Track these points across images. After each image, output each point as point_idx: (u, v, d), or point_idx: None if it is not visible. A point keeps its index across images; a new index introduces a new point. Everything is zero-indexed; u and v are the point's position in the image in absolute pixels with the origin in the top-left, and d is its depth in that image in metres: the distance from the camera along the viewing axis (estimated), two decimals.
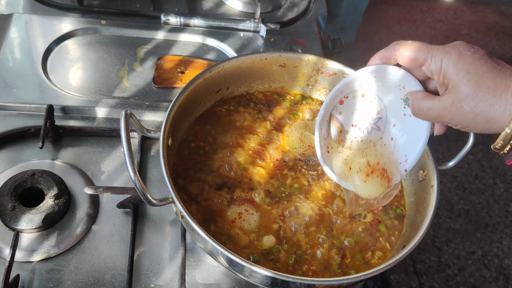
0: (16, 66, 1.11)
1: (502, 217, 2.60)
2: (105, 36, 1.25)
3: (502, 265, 2.38)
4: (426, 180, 0.81)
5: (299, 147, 0.91)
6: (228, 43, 1.28)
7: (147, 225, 0.90)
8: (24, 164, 0.94)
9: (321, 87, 0.99)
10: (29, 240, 0.83)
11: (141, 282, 0.82)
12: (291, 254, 0.76)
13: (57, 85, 1.09)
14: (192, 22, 1.30)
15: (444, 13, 3.92)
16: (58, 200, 0.86)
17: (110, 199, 0.92)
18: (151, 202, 0.68)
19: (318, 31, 1.41)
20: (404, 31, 3.61)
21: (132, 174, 0.64)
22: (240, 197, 0.82)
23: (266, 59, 0.94)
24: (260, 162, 0.88)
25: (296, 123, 0.95)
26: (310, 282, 0.66)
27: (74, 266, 0.83)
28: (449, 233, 2.48)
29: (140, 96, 1.12)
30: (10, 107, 1.02)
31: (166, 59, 1.21)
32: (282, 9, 1.47)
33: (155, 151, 1.02)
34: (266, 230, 0.79)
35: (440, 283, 2.27)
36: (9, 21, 1.20)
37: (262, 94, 1.00)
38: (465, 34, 3.74)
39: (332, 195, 0.85)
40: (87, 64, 1.17)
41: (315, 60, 0.95)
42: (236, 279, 0.85)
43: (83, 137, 1.02)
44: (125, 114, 0.68)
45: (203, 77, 0.87)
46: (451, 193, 2.67)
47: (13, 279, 0.77)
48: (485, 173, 2.81)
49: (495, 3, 4.08)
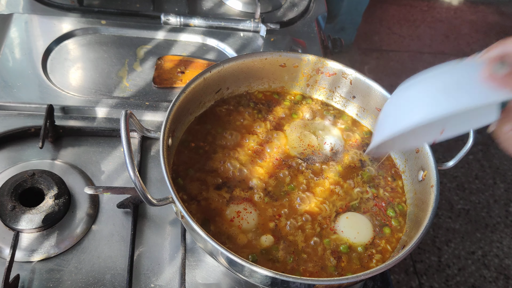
0: (16, 66, 1.11)
1: (502, 217, 2.60)
2: (105, 36, 1.25)
3: (502, 265, 2.38)
4: (426, 180, 0.81)
5: (298, 146, 0.91)
6: (228, 43, 1.28)
7: (147, 225, 0.90)
8: (24, 164, 0.94)
9: (321, 87, 0.99)
10: (29, 240, 0.83)
11: (141, 282, 0.82)
12: (289, 253, 0.77)
13: (57, 85, 1.09)
14: (192, 22, 1.30)
15: (444, 13, 3.92)
16: (58, 200, 0.86)
17: (110, 199, 0.92)
18: (151, 202, 0.68)
19: (318, 31, 1.41)
20: (404, 31, 3.60)
21: (132, 174, 0.64)
22: (239, 196, 0.82)
23: (266, 59, 0.94)
24: (259, 162, 0.88)
25: (296, 123, 0.95)
26: (310, 282, 0.66)
27: (74, 266, 0.83)
28: (449, 233, 2.48)
29: (140, 96, 1.12)
30: (10, 107, 1.02)
31: (166, 59, 1.21)
32: (282, 9, 1.47)
33: (155, 151, 1.02)
34: (264, 229, 0.79)
35: (440, 283, 2.27)
36: (9, 21, 1.20)
37: (262, 94, 1.00)
38: (465, 34, 3.74)
39: (330, 192, 0.85)
40: (87, 64, 1.17)
41: (315, 60, 0.95)
42: (236, 279, 0.85)
43: (83, 137, 1.02)
44: (125, 114, 0.68)
45: (203, 77, 0.87)
46: (451, 193, 2.67)
47: (13, 279, 0.77)
48: (485, 173, 2.81)
49: (495, 3, 4.08)
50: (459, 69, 0.46)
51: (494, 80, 0.45)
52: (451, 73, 0.47)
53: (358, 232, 0.80)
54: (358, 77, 0.93)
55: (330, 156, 0.92)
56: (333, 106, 1.01)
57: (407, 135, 0.62)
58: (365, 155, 0.90)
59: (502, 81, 0.44)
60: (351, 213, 0.83)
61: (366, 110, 0.97)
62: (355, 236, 0.80)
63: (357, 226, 0.81)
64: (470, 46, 3.64)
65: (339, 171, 0.89)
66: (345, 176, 0.89)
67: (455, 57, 0.82)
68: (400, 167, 0.91)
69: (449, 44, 3.62)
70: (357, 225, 0.81)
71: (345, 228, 0.80)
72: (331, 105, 1.01)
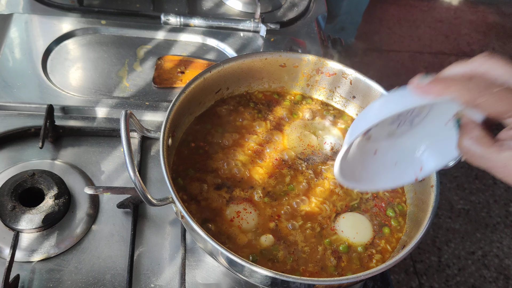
0: (16, 66, 1.11)
1: (502, 217, 2.60)
2: (105, 36, 1.25)
3: (502, 265, 2.38)
4: (426, 180, 0.81)
5: (298, 146, 0.91)
6: (228, 43, 1.28)
7: (147, 225, 0.90)
8: (24, 164, 0.94)
9: (321, 87, 0.99)
10: (29, 240, 0.83)
11: (141, 282, 0.82)
12: (289, 253, 0.77)
13: (57, 85, 1.09)
14: (192, 22, 1.30)
15: (444, 13, 3.92)
16: (58, 200, 0.86)
17: (110, 199, 0.92)
18: (151, 202, 0.68)
19: (318, 31, 1.41)
20: (404, 31, 3.60)
21: (132, 174, 0.64)
22: (239, 196, 0.82)
23: (266, 59, 0.94)
24: (259, 162, 0.88)
25: (296, 123, 0.95)
26: (310, 282, 0.66)
27: (74, 266, 0.83)
28: (449, 233, 2.48)
29: (140, 96, 1.12)
30: (10, 107, 1.02)
31: (166, 59, 1.21)
32: (282, 9, 1.47)
33: (155, 151, 1.02)
34: (264, 229, 0.79)
35: (440, 283, 2.27)
36: (9, 21, 1.20)
37: (262, 94, 1.00)
38: (465, 34, 3.74)
39: (330, 193, 0.85)
40: (87, 64, 1.17)
41: (315, 60, 0.95)
42: (236, 279, 0.85)
43: (83, 137, 1.02)
44: (125, 114, 0.68)
45: (203, 77, 0.87)
46: (451, 193, 2.67)
47: (13, 279, 0.77)
48: (485, 173, 2.79)
49: (495, 3, 4.08)
50: (402, 88, 0.57)
51: (419, 88, 0.54)
52: (397, 92, 0.58)
53: (358, 232, 0.81)
54: (358, 77, 0.93)
55: (330, 155, 0.92)
56: (333, 106, 1.01)
57: (376, 167, 0.69)
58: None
59: (425, 89, 0.53)
60: (351, 213, 0.83)
61: None
62: (354, 236, 0.80)
63: (356, 226, 0.81)
64: (470, 46, 3.64)
65: None
66: None
67: (455, 57, 0.81)
68: None
69: (449, 44, 3.62)
70: (357, 225, 0.82)
71: (345, 228, 0.81)
72: (331, 105, 1.01)
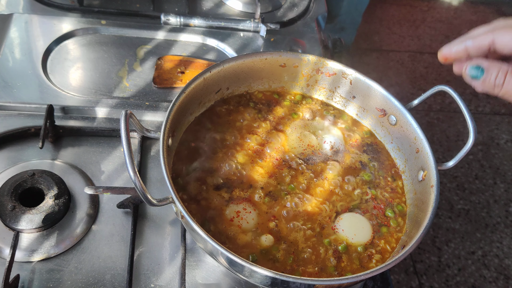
0: (16, 66, 1.11)
1: (502, 217, 2.60)
2: (105, 36, 1.25)
3: (502, 265, 2.38)
4: (426, 180, 0.81)
5: (298, 147, 0.91)
6: (228, 43, 1.28)
7: (147, 225, 0.90)
8: (24, 164, 0.94)
9: (321, 87, 0.99)
10: (29, 240, 0.83)
11: (141, 282, 0.82)
12: (289, 253, 0.77)
13: (57, 85, 1.09)
14: (192, 22, 1.30)
15: (444, 13, 3.92)
16: (58, 200, 0.86)
17: (110, 199, 0.92)
18: (151, 202, 0.68)
19: (318, 31, 1.41)
20: (404, 31, 3.60)
21: (132, 174, 0.64)
22: (239, 196, 0.82)
23: (266, 59, 0.94)
24: (259, 162, 0.88)
25: (296, 123, 0.95)
26: (310, 282, 0.66)
27: (74, 266, 0.83)
28: (449, 233, 2.48)
29: (140, 96, 1.12)
30: (10, 107, 1.02)
31: (166, 59, 1.21)
32: (282, 9, 1.47)
33: (155, 151, 1.02)
34: (264, 229, 0.79)
35: (440, 283, 2.27)
36: (9, 21, 1.20)
37: (262, 94, 1.00)
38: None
39: (330, 193, 0.85)
40: (87, 64, 1.17)
41: (315, 60, 0.95)
42: (236, 279, 0.85)
43: (83, 137, 1.02)
44: (125, 114, 0.68)
45: (203, 77, 0.87)
46: (451, 193, 2.67)
47: (13, 279, 0.77)
48: (485, 173, 2.81)
49: (495, 3, 4.08)
50: None
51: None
52: None
53: (358, 232, 0.81)
54: (358, 77, 0.93)
55: (330, 155, 0.92)
56: (333, 106, 1.01)
57: None
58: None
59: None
60: (350, 214, 0.83)
61: (366, 110, 0.97)
62: (354, 236, 0.80)
63: (356, 226, 0.81)
64: None
65: (339, 171, 0.89)
66: (345, 176, 0.89)
67: None
68: (400, 167, 0.91)
69: None
70: (357, 225, 0.82)
71: (345, 228, 0.81)
72: (331, 105, 1.01)
